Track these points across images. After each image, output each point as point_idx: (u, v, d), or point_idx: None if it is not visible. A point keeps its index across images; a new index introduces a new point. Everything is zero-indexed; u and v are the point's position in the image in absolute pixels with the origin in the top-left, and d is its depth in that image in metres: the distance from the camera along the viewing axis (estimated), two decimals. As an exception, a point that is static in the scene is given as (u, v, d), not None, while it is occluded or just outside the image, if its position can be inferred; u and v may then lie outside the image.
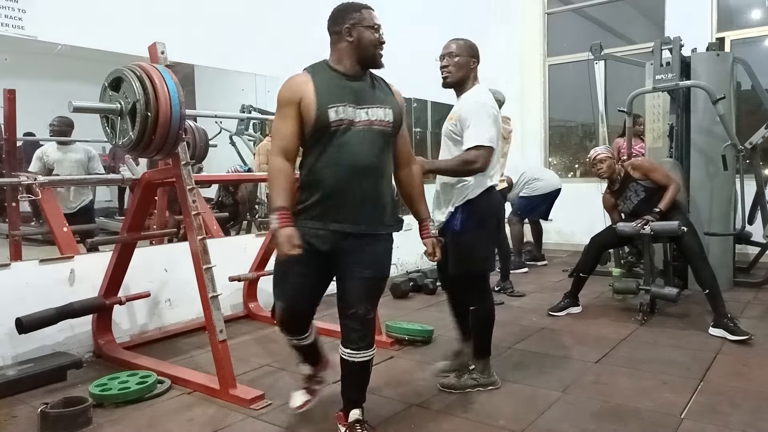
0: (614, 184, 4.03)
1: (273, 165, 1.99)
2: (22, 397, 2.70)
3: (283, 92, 2.01)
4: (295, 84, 2.00)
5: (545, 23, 7.29)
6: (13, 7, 3.07)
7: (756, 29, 6.07)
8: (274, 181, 1.98)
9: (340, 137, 1.98)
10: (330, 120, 1.96)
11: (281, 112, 2.00)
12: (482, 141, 2.43)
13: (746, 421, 2.31)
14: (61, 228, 3.31)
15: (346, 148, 1.99)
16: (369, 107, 2.04)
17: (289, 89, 2.00)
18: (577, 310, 4.10)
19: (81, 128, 4.17)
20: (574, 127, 8.03)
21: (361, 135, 2.01)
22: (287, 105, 1.99)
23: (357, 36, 2.03)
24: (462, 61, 2.56)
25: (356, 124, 2.00)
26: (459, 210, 2.55)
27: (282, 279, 2.14)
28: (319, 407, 2.54)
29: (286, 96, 2.00)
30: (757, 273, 4.88)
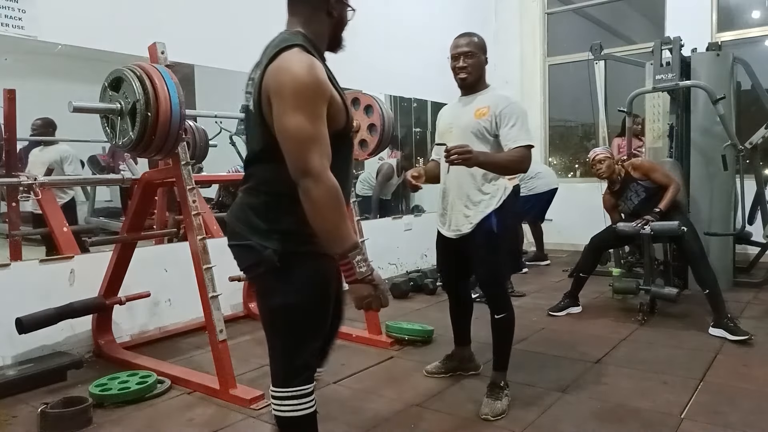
0: (614, 184, 4.03)
1: (328, 183, 1.37)
2: (22, 397, 2.70)
3: (316, 82, 1.39)
4: (321, 72, 1.42)
5: (545, 23, 7.30)
6: (13, 7, 3.07)
7: (756, 29, 6.07)
8: (337, 206, 1.39)
9: (350, 146, 1.63)
10: (351, 122, 1.57)
11: (316, 111, 1.39)
12: (531, 141, 2.41)
13: (746, 421, 2.31)
14: (61, 228, 3.31)
15: (350, 160, 1.63)
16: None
17: (320, 79, 1.40)
18: (577, 310, 4.09)
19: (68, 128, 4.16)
20: (574, 127, 8.03)
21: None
22: (323, 101, 1.41)
23: (339, 13, 1.61)
24: (479, 61, 2.49)
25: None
26: (494, 212, 2.45)
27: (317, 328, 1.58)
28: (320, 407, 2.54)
29: (322, 88, 1.40)
30: (757, 273, 4.88)
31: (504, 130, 2.39)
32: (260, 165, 1.50)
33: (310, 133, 1.36)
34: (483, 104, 2.45)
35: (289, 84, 1.37)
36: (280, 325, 1.55)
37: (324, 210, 1.37)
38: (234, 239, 1.56)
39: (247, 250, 1.52)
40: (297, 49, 1.42)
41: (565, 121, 7.88)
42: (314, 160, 1.35)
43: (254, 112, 1.48)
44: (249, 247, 1.50)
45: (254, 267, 1.52)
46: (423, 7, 6.01)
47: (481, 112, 2.43)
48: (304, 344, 1.55)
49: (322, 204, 1.37)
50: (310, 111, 1.37)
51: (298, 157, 1.37)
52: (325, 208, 1.37)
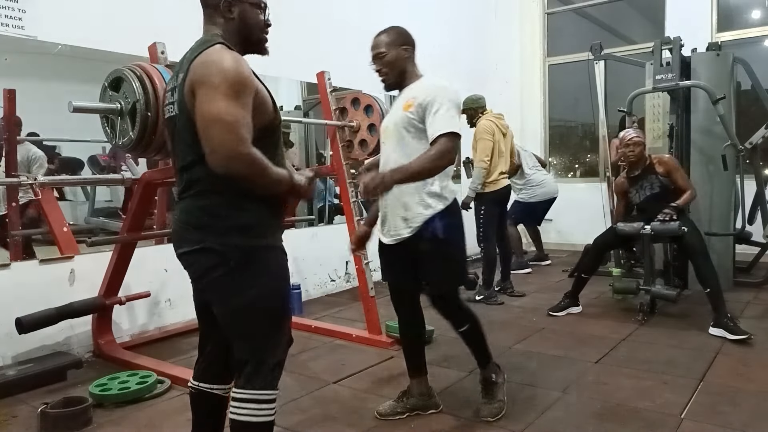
0: (634, 170, 3.98)
1: (256, 158, 1.43)
2: (22, 397, 2.70)
3: (243, 74, 1.45)
4: (246, 65, 1.49)
5: (545, 23, 7.30)
6: (13, 7, 3.07)
7: (756, 29, 6.07)
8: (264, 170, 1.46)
9: (277, 141, 1.64)
10: (279, 114, 1.63)
11: (241, 100, 1.43)
12: (455, 128, 2.14)
13: (746, 421, 2.31)
14: (61, 228, 3.31)
15: (277, 155, 1.60)
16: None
17: (246, 71, 1.47)
18: (577, 310, 4.09)
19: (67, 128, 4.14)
20: (574, 127, 8.03)
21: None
22: (249, 92, 1.46)
23: (239, 13, 1.60)
24: (392, 56, 2.27)
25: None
26: (438, 216, 2.23)
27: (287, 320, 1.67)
28: (320, 407, 2.54)
29: (248, 80, 1.46)
30: (757, 273, 4.88)
31: (428, 120, 2.18)
32: (204, 167, 1.46)
33: (239, 117, 1.41)
34: (411, 95, 2.26)
35: (217, 73, 1.42)
36: (257, 319, 1.55)
37: (259, 180, 1.48)
38: (186, 245, 1.54)
39: (203, 253, 1.51)
40: (219, 46, 1.49)
41: (565, 121, 7.88)
42: (245, 143, 1.41)
43: (184, 117, 1.50)
44: (206, 250, 1.50)
45: (214, 269, 1.51)
46: (423, 8, 6.01)
47: (409, 103, 2.24)
48: (281, 337, 1.59)
49: (256, 178, 1.47)
50: (238, 99, 1.42)
51: (226, 139, 1.39)
52: (259, 179, 1.47)
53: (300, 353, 3.29)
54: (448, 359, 3.13)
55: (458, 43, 6.57)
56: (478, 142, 4.38)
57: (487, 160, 4.31)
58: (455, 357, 3.18)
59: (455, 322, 2.40)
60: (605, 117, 5.33)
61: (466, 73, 6.49)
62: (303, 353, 3.30)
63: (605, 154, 5.60)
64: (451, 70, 6.27)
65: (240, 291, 1.52)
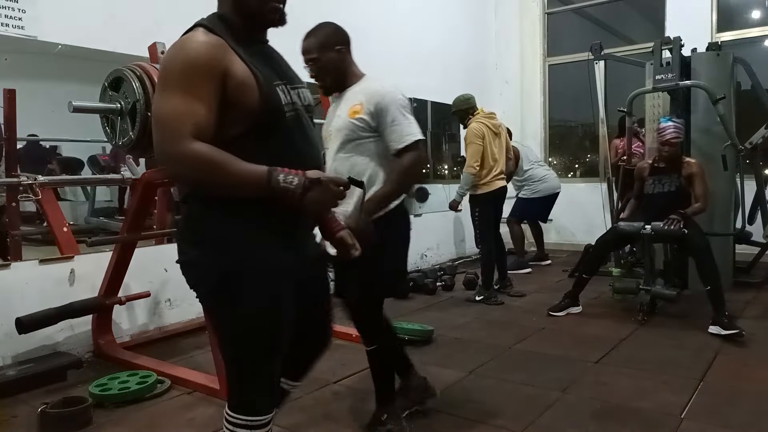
0: (661, 162, 3.93)
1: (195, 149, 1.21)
2: (22, 397, 2.70)
3: (192, 57, 1.25)
4: (211, 47, 1.26)
5: (545, 23, 7.30)
6: (13, 7, 3.07)
7: (756, 29, 6.07)
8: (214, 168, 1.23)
9: (292, 128, 1.37)
10: (282, 102, 1.34)
11: (186, 87, 1.23)
12: (416, 134, 2.07)
13: (746, 421, 2.31)
14: (61, 228, 3.31)
15: (300, 142, 1.39)
16: (298, 87, 1.45)
17: (202, 53, 1.25)
18: (577, 310, 4.09)
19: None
20: (574, 127, 8.03)
21: (307, 125, 1.44)
22: (202, 78, 1.24)
23: None
24: (326, 59, 2.11)
25: (299, 110, 1.41)
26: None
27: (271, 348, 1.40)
28: (320, 407, 2.54)
29: (199, 62, 1.24)
30: (757, 273, 4.88)
31: (385, 132, 2.06)
32: None
33: (178, 110, 1.21)
34: (356, 100, 2.12)
35: (165, 65, 1.28)
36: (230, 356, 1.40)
37: (213, 182, 1.25)
38: (179, 256, 1.40)
39: (184, 268, 1.39)
40: (191, 32, 1.31)
41: (565, 121, 7.88)
42: (181, 141, 1.20)
43: None
44: (186, 265, 1.38)
45: (195, 287, 1.38)
46: (423, 7, 6.01)
47: (355, 110, 2.10)
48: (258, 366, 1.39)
49: (207, 180, 1.25)
50: (184, 89, 1.22)
51: (159, 139, 1.23)
52: (212, 180, 1.24)
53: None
54: (448, 359, 3.14)
55: (458, 43, 6.57)
56: (468, 146, 4.36)
57: (476, 165, 4.29)
58: (455, 357, 3.18)
59: (365, 337, 2.24)
60: (605, 117, 5.33)
61: (466, 73, 6.49)
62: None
63: (605, 155, 5.59)
64: (451, 70, 6.28)
65: (217, 322, 1.41)
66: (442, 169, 6.67)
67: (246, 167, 1.23)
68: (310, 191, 1.25)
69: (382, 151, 2.11)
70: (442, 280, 5.01)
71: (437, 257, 6.12)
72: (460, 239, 6.51)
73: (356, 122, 2.09)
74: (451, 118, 5.30)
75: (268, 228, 1.34)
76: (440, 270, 5.34)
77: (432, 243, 6.07)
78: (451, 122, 6.41)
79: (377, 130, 2.09)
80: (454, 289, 4.93)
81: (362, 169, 2.10)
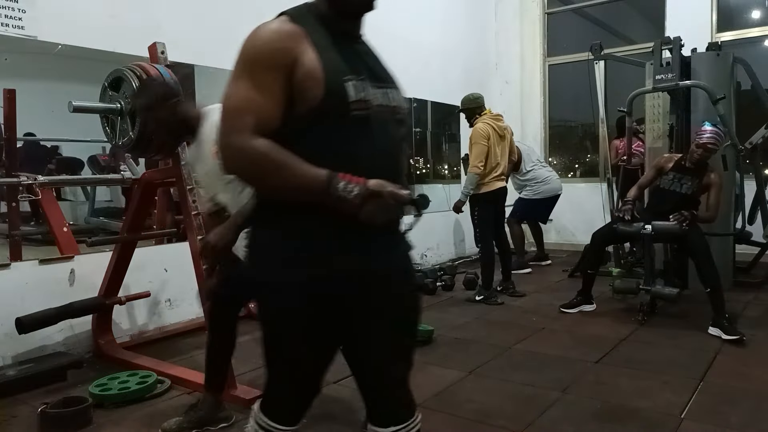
0: (691, 163, 3.81)
1: (255, 146, 1.14)
2: (22, 397, 2.70)
3: (260, 46, 1.18)
4: (282, 35, 1.18)
5: (545, 23, 7.30)
6: (13, 7, 3.07)
7: (756, 29, 6.07)
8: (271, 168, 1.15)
9: (359, 128, 1.22)
10: (349, 99, 1.19)
11: (253, 78, 1.16)
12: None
13: (746, 421, 2.31)
14: (61, 228, 3.31)
15: (368, 145, 1.23)
16: (387, 86, 1.31)
17: (271, 41, 1.18)
18: (591, 307, 4.08)
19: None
20: (574, 127, 8.03)
21: (386, 127, 1.28)
22: (268, 68, 1.16)
23: None
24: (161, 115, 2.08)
25: (378, 110, 1.26)
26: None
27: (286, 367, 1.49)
28: (320, 407, 2.54)
29: (267, 52, 1.17)
30: (757, 273, 4.88)
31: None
32: None
33: (240, 99, 1.16)
34: (211, 142, 2.05)
35: (238, 54, 1.22)
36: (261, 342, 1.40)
37: (268, 183, 1.19)
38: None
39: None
40: (276, 19, 1.24)
41: (565, 121, 7.87)
42: (240, 133, 1.14)
43: None
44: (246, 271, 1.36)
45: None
46: (423, 7, 6.01)
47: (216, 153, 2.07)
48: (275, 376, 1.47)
49: (262, 179, 1.19)
50: (248, 77, 1.17)
51: (221, 129, 1.18)
52: (267, 181, 1.18)
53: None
54: (448, 359, 3.13)
55: (458, 43, 6.57)
56: (473, 146, 4.37)
57: (480, 165, 4.31)
58: (455, 357, 3.19)
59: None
60: (605, 117, 5.33)
61: (466, 73, 6.49)
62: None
63: (605, 155, 5.60)
64: (451, 70, 6.28)
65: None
66: (442, 169, 6.67)
67: (305, 170, 1.14)
68: (367, 203, 1.14)
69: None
70: (442, 280, 5.02)
71: (437, 257, 6.12)
72: (460, 239, 6.51)
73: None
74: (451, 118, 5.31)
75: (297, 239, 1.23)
76: (440, 270, 5.34)
77: (432, 243, 6.07)
78: (451, 122, 6.43)
79: None
80: (454, 289, 4.94)
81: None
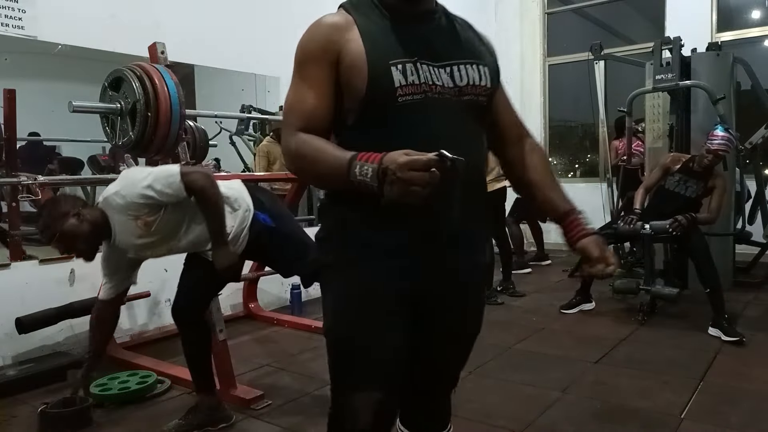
0: (696, 165, 3.75)
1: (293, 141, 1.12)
2: (22, 397, 2.70)
3: (306, 42, 1.15)
4: (327, 27, 1.14)
5: (545, 23, 7.30)
6: (13, 7, 3.07)
7: (756, 29, 6.07)
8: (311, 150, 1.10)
9: (410, 116, 1.11)
10: (395, 85, 1.09)
11: (301, 75, 1.15)
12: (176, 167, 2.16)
13: (746, 421, 2.31)
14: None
15: (421, 134, 1.11)
16: (455, 63, 1.16)
17: (316, 36, 1.14)
18: (590, 306, 4.09)
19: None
20: (574, 127, 8.03)
21: (446, 112, 1.14)
22: (314, 62, 1.13)
23: None
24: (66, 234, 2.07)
25: (437, 92, 1.13)
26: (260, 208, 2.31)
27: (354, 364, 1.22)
28: (320, 407, 2.54)
29: (312, 47, 1.14)
30: (757, 273, 4.88)
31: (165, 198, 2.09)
32: None
33: (289, 99, 1.16)
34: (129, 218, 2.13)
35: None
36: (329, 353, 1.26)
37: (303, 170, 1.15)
38: None
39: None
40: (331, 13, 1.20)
41: (565, 121, 7.87)
42: (288, 132, 1.14)
43: None
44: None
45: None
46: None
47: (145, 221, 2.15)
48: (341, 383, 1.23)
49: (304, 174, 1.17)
50: (297, 75, 1.16)
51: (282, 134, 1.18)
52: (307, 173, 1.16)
53: (300, 353, 3.29)
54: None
55: (458, 43, 6.57)
56: None
57: None
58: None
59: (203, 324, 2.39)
60: (605, 117, 5.34)
61: (466, 73, 6.49)
62: (303, 353, 3.30)
63: (605, 155, 5.60)
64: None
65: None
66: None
67: (334, 157, 1.06)
68: (385, 183, 0.97)
69: (187, 204, 2.15)
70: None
71: (437, 257, 6.11)
72: (460, 239, 6.50)
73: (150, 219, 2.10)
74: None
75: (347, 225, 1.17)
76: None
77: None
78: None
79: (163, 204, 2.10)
80: (454, 289, 4.93)
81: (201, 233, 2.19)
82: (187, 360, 2.37)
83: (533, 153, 1.38)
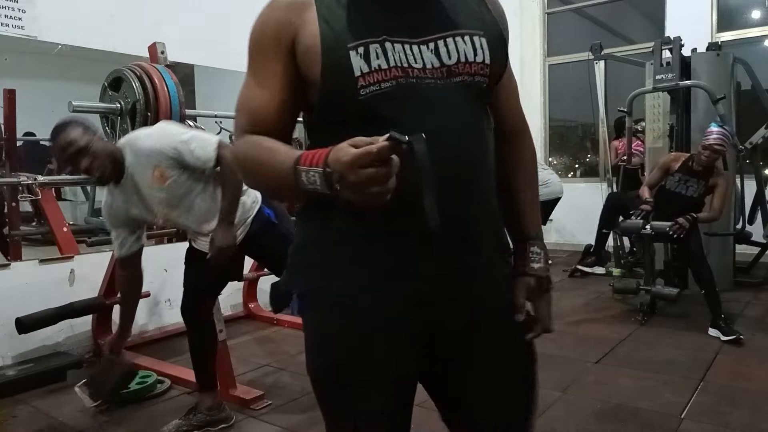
0: (696, 164, 3.74)
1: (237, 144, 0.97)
2: (22, 397, 2.70)
3: (257, 29, 0.96)
4: (282, 9, 0.93)
5: (545, 23, 7.29)
6: (13, 7, 3.07)
7: (756, 29, 6.07)
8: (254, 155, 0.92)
9: (379, 110, 0.88)
10: (354, 74, 0.87)
11: (252, 69, 0.97)
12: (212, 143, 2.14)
13: (746, 421, 2.31)
14: (61, 228, 3.31)
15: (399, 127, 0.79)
16: (440, 36, 0.92)
17: (269, 20, 0.94)
18: (601, 270, 4.71)
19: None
20: (574, 127, 8.03)
21: (430, 101, 0.91)
22: (265, 52, 0.94)
23: None
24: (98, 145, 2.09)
25: (414, 77, 0.90)
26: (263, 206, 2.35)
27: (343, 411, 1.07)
28: (319, 407, 2.54)
29: (262, 35, 0.95)
30: (757, 273, 4.88)
31: (191, 160, 2.10)
32: None
33: (238, 101, 0.99)
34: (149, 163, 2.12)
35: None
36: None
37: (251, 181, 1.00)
38: None
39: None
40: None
41: (565, 121, 7.88)
42: (236, 131, 0.98)
43: None
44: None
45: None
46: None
47: (159, 173, 2.12)
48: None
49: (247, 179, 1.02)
50: (248, 71, 0.98)
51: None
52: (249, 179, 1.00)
53: (300, 353, 3.28)
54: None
55: (458, 43, 6.57)
56: None
57: None
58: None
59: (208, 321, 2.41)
60: (605, 117, 5.33)
61: (466, 73, 6.49)
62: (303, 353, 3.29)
63: (605, 155, 5.59)
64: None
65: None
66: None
67: (280, 163, 0.84)
68: (335, 172, 0.76)
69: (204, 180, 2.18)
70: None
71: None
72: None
73: (171, 181, 2.13)
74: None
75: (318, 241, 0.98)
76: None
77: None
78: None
79: (186, 165, 2.13)
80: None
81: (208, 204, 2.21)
82: (193, 358, 2.39)
83: (523, 159, 1.18)
